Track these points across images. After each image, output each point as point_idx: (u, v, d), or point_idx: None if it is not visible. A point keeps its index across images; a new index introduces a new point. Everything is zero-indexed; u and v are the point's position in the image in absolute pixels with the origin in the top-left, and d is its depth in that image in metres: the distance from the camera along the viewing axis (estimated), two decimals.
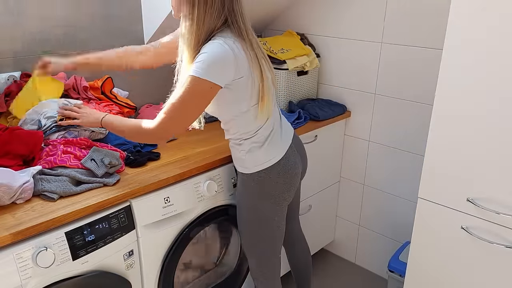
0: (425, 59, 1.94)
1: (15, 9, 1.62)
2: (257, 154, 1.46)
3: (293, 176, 1.54)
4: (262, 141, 1.46)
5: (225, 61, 1.28)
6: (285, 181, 1.51)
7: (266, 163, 1.47)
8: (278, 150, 1.49)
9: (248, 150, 1.47)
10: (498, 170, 1.31)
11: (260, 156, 1.47)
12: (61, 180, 1.33)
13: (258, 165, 1.47)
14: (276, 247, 1.63)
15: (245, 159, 1.48)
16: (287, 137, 1.55)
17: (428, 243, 1.52)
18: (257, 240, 1.59)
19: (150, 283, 1.52)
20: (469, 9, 1.26)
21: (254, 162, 1.47)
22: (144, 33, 2.03)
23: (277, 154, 1.49)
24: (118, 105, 1.80)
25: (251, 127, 1.44)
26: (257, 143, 1.46)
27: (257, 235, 1.58)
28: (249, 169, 1.49)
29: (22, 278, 1.15)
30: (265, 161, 1.47)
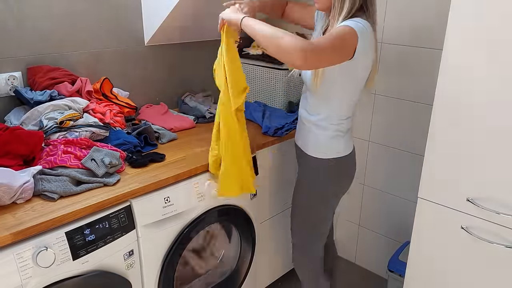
0: (425, 59, 1.94)
1: (15, 9, 1.62)
2: (339, 142, 1.57)
3: (355, 168, 1.70)
4: (344, 131, 1.57)
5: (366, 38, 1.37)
6: (352, 171, 1.67)
7: (343, 152, 1.59)
8: (351, 142, 1.64)
9: (332, 137, 1.56)
10: (498, 170, 1.31)
11: (341, 144, 1.58)
12: (61, 180, 1.33)
13: (336, 152, 1.58)
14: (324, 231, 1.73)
15: (326, 144, 1.57)
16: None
17: (428, 243, 1.52)
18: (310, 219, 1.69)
19: (150, 283, 1.52)
20: (469, 9, 1.26)
21: (334, 149, 1.57)
22: (144, 33, 2.03)
23: (350, 146, 1.63)
24: (118, 105, 1.80)
25: (345, 114, 1.55)
26: (341, 131, 1.56)
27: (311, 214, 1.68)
28: (325, 154, 1.58)
29: (23, 278, 1.15)
30: (343, 149, 1.59)
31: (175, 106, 2.22)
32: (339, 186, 1.67)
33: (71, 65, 1.82)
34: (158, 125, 1.88)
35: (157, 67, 2.13)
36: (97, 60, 1.90)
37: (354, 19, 1.38)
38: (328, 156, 1.57)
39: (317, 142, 1.59)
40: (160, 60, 2.14)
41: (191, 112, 2.09)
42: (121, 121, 1.74)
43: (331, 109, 1.53)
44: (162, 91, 2.18)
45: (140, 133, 1.72)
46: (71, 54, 1.82)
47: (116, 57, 1.97)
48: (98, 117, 1.66)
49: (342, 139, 1.58)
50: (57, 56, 1.78)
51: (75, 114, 1.57)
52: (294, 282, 1.98)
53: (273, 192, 2.00)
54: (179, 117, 2.04)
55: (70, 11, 1.78)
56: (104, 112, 1.70)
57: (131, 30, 1.99)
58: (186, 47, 2.22)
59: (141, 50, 2.05)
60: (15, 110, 1.65)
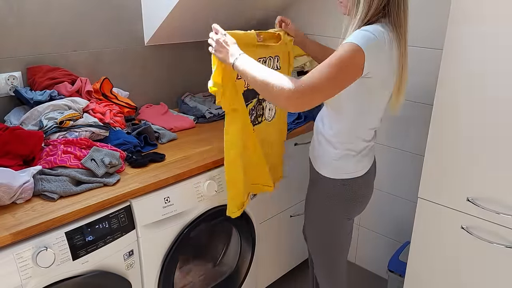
0: (425, 59, 1.94)
1: (15, 9, 1.62)
2: (348, 162, 1.41)
3: (371, 190, 1.55)
4: (358, 151, 1.41)
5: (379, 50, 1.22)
6: (364, 193, 1.50)
7: (354, 174, 1.43)
8: (367, 163, 1.46)
9: (341, 156, 1.41)
10: (498, 170, 1.31)
11: (351, 165, 1.42)
12: (61, 180, 1.33)
13: (345, 173, 1.42)
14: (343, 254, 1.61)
15: (335, 164, 1.42)
16: (373, 152, 1.53)
17: (428, 243, 1.52)
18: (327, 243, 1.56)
19: (150, 283, 1.52)
20: (469, 9, 1.26)
21: (342, 169, 1.42)
22: (144, 33, 2.03)
23: (365, 167, 1.45)
24: (118, 105, 1.80)
25: (359, 133, 1.39)
26: (353, 151, 1.41)
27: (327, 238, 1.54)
28: (334, 174, 1.43)
29: (22, 278, 1.15)
30: (354, 171, 1.43)
31: (175, 106, 2.22)
32: (346, 210, 1.49)
33: (71, 65, 1.82)
34: (158, 125, 1.87)
35: (157, 67, 2.13)
36: (97, 60, 1.90)
37: (368, 27, 1.22)
38: (335, 176, 1.43)
39: (325, 158, 1.45)
40: (160, 60, 2.13)
41: (191, 112, 2.09)
42: (121, 121, 1.74)
43: (342, 124, 1.39)
44: (162, 91, 2.18)
45: (140, 133, 1.72)
46: (71, 54, 1.82)
47: (116, 57, 1.97)
48: (98, 117, 1.66)
49: (353, 158, 1.41)
50: (57, 56, 1.77)
51: (75, 114, 1.57)
52: (294, 282, 1.97)
53: (273, 192, 1.99)
54: (179, 117, 2.04)
55: (70, 11, 1.78)
56: (104, 112, 1.70)
57: (131, 30, 1.99)
58: (186, 47, 2.22)
59: (141, 50, 2.05)
60: (15, 110, 1.65)
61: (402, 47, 1.27)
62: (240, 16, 2.19)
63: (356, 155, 1.41)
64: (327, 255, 1.59)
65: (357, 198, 1.47)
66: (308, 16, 2.30)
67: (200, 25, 2.11)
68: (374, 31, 1.21)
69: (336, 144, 1.41)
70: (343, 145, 1.40)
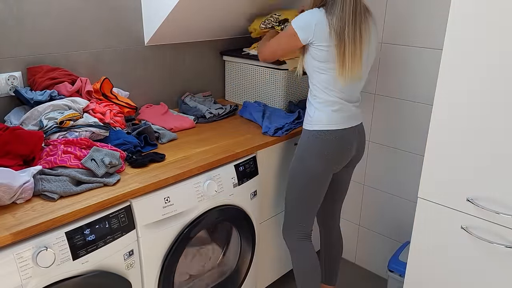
0: (425, 59, 1.94)
1: (15, 9, 1.62)
2: (322, 115, 1.67)
3: (347, 150, 1.73)
4: (329, 104, 1.67)
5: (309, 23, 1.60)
6: (339, 148, 1.70)
7: (328, 126, 1.67)
8: (342, 121, 1.69)
9: (315, 109, 1.69)
10: (498, 170, 1.31)
11: (324, 118, 1.67)
12: (61, 180, 1.33)
13: (320, 124, 1.67)
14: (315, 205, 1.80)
15: (311, 116, 1.69)
16: (356, 118, 1.74)
17: (428, 243, 1.52)
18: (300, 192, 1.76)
19: (150, 283, 1.52)
20: (469, 9, 1.26)
21: (318, 121, 1.68)
22: (144, 33, 2.03)
23: (340, 124, 1.68)
24: (118, 105, 1.80)
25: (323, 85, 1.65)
26: (324, 104, 1.67)
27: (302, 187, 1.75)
28: (311, 125, 1.70)
29: (22, 278, 1.15)
30: (328, 123, 1.67)
31: (175, 106, 2.22)
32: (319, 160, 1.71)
33: (71, 65, 1.82)
34: (158, 125, 1.87)
35: (157, 67, 2.13)
36: (97, 60, 1.90)
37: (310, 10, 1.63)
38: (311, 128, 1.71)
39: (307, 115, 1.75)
40: (160, 60, 2.14)
41: (191, 112, 2.09)
42: (121, 121, 1.74)
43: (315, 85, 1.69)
44: (162, 91, 2.18)
45: (140, 133, 1.72)
46: (71, 54, 1.82)
47: (116, 57, 1.97)
48: (98, 117, 1.66)
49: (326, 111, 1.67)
50: (57, 56, 1.78)
51: (75, 114, 1.57)
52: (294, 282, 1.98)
53: (273, 192, 2.00)
54: (179, 117, 2.04)
55: (70, 11, 1.78)
56: (104, 112, 1.70)
57: (131, 30, 1.99)
58: (186, 47, 2.22)
59: (141, 50, 2.05)
60: (15, 110, 1.65)
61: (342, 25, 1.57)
62: (240, 15, 2.19)
63: (330, 108, 1.67)
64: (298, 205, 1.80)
65: (330, 149, 1.69)
66: None
67: (200, 25, 2.12)
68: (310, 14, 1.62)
69: (313, 102, 1.71)
70: (317, 100, 1.69)
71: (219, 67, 2.40)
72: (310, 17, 1.61)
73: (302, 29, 1.62)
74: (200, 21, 2.07)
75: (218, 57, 2.38)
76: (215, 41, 2.34)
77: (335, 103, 1.67)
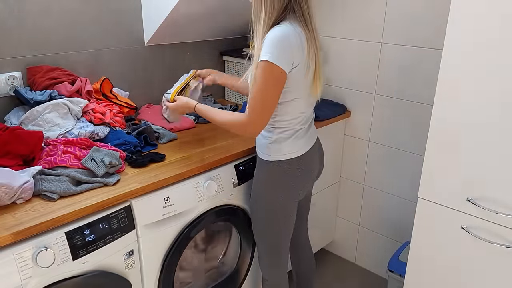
0: (425, 59, 1.94)
1: (15, 9, 1.62)
2: (282, 145, 1.51)
3: (310, 173, 1.61)
4: (291, 134, 1.50)
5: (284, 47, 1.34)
6: (302, 176, 1.56)
7: (289, 155, 1.51)
8: (303, 145, 1.54)
9: (274, 140, 1.51)
10: (498, 170, 1.31)
11: (285, 147, 1.51)
12: (61, 180, 1.33)
13: (280, 154, 1.51)
14: (285, 238, 1.65)
15: (270, 147, 1.52)
16: (313, 136, 1.61)
17: (428, 243, 1.52)
18: (268, 227, 1.62)
19: (150, 283, 1.52)
20: (469, 9, 1.26)
21: (277, 151, 1.51)
22: (144, 33, 2.03)
23: (301, 149, 1.53)
24: (118, 105, 1.80)
25: (287, 117, 1.48)
26: (286, 134, 1.50)
27: (268, 222, 1.60)
28: (271, 156, 1.53)
29: (22, 278, 1.15)
30: (288, 152, 1.51)
31: None
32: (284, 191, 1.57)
33: (71, 65, 1.82)
34: (158, 125, 1.87)
35: (157, 67, 2.13)
36: (97, 60, 1.90)
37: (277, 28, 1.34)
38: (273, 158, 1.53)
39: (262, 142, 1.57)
40: (160, 60, 2.13)
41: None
42: (121, 121, 1.74)
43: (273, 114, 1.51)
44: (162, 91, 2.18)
45: (140, 133, 1.72)
46: (71, 54, 1.82)
47: (116, 57, 1.97)
48: (98, 117, 1.66)
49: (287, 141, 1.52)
50: (57, 56, 1.78)
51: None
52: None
53: None
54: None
55: (70, 11, 1.78)
56: (104, 112, 1.70)
57: (131, 30, 1.99)
58: (186, 47, 2.22)
59: (141, 50, 2.05)
60: (15, 110, 1.65)
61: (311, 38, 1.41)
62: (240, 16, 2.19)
63: (289, 138, 1.51)
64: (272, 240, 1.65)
65: (295, 178, 1.55)
66: None
67: (200, 25, 2.12)
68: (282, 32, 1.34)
69: (271, 129, 1.51)
70: (276, 130, 1.50)
71: (219, 67, 2.40)
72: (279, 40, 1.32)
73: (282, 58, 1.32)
74: (200, 21, 2.07)
75: (218, 57, 2.38)
76: (215, 41, 2.34)
77: (297, 131, 1.51)
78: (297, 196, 1.59)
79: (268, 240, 1.65)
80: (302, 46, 1.37)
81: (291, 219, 1.62)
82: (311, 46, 1.41)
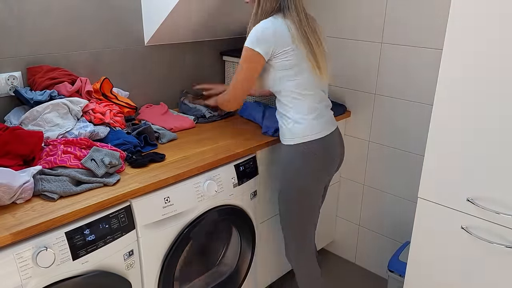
0: (425, 59, 1.94)
1: (15, 9, 1.62)
2: (304, 124, 1.57)
3: (333, 158, 1.67)
4: (307, 111, 1.57)
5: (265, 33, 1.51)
6: (326, 159, 1.63)
7: (312, 136, 1.57)
8: (324, 127, 1.61)
9: (295, 121, 1.58)
10: (498, 170, 1.31)
11: (307, 127, 1.57)
12: (61, 180, 1.33)
13: (304, 135, 1.58)
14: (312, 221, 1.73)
15: (292, 129, 1.59)
16: (332, 122, 1.67)
17: (428, 243, 1.52)
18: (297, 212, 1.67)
19: (150, 283, 1.52)
20: (469, 9, 1.26)
21: (301, 132, 1.58)
22: (144, 33, 2.03)
23: (323, 130, 1.60)
24: (118, 105, 1.80)
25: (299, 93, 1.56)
26: (303, 111, 1.57)
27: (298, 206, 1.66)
28: (295, 140, 1.59)
29: (22, 278, 1.15)
30: (311, 133, 1.58)
31: (175, 106, 2.22)
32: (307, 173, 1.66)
33: (71, 65, 1.82)
34: (158, 125, 1.87)
35: (157, 67, 2.13)
36: (97, 60, 1.90)
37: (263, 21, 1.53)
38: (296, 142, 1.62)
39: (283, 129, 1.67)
40: (160, 60, 2.13)
41: (191, 112, 2.09)
42: (121, 121, 1.74)
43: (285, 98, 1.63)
44: (162, 91, 2.18)
45: (140, 133, 1.72)
46: (71, 54, 1.82)
47: (116, 57, 1.97)
48: (98, 117, 1.66)
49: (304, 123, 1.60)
50: (57, 56, 1.77)
51: None
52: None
53: (273, 192, 2.00)
54: (179, 117, 2.04)
55: (70, 11, 1.78)
56: (104, 112, 1.70)
57: (131, 30, 1.99)
58: (186, 47, 2.22)
59: (141, 50, 2.05)
60: (15, 110, 1.65)
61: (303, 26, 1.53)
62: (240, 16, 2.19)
63: (306, 117, 1.58)
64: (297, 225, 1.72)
65: (318, 160, 1.61)
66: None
67: (200, 25, 2.12)
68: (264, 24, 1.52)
69: (288, 114, 1.61)
70: (292, 111, 1.59)
71: (219, 67, 2.40)
72: (263, 29, 1.51)
73: (260, 43, 1.51)
74: (200, 21, 2.07)
75: (218, 57, 2.38)
76: (215, 41, 2.34)
77: (312, 109, 1.59)
78: (323, 179, 1.65)
79: (296, 225, 1.70)
80: (288, 34, 1.51)
81: (318, 202, 1.70)
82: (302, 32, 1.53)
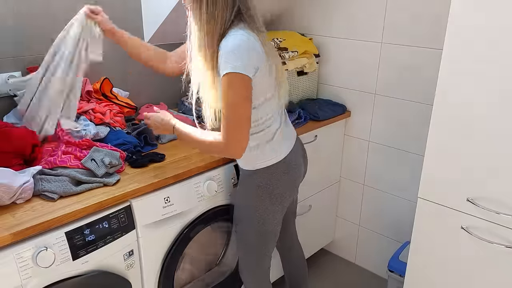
0: (425, 59, 1.94)
1: (15, 9, 1.62)
2: (265, 148, 1.44)
3: (297, 176, 1.55)
4: (269, 137, 1.43)
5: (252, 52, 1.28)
6: (289, 180, 1.51)
7: (272, 160, 1.45)
8: (284, 147, 1.48)
9: (255, 146, 1.43)
10: (498, 170, 1.31)
11: (268, 151, 1.44)
12: (61, 180, 1.33)
13: (263, 161, 1.45)
14: (270, 246, 1.61)
15: (250, 154, 1.43)
16: (291, 136, 1.54)
17: (428, 243, 1.52)
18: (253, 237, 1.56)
19: (150, 283, 1.52)
20: (469, 9, 1.26)
21: (259, 158, 1.45)
22: (144, 33, 2.03)
23: (283, 152, 1.47)
24: (118, 105, 1.80)
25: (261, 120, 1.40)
26: (264, 138, 1.43)
27: (253, 233, 1.55)
28: (253, 165, 1.47)
29: (22, 278, 1.15)
30: (271, 157, 1.45)
31: (175, 106, 2.22)
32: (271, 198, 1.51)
33: None
34: None
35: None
36: None
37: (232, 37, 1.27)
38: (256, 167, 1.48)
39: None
40: None
41: (191, 112, 2.08)
42: (121, 121, 1.74)
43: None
44: (162, 91, 2.18)
45: (140, 133, 1.72)
46: None
47: (116, 57, 1.96)
48: (98, 117, 1.66)
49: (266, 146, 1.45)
50: None
51: None
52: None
53: None
54: (179, 117, 2.03)
55: (70, 11, 1.77)
56: (104, 112, 1.70)
57: (131, 30, 1.98)
58: None
59: None
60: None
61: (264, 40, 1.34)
62: None
63: (269, 142, 1.44)
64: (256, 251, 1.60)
65: (281, 183, 1.48)
66: (308, 16, 2.30)
67: None
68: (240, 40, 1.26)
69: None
70: (253, 136, 1.40)
71: None
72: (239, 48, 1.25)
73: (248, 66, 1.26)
74: None
75: None
76: None
77: (277, 130, 1.45)
78: (284, 202, 1.53)
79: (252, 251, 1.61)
80: (261, 49, 1.30)
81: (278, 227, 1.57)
82: (268, 45, 1.36)
